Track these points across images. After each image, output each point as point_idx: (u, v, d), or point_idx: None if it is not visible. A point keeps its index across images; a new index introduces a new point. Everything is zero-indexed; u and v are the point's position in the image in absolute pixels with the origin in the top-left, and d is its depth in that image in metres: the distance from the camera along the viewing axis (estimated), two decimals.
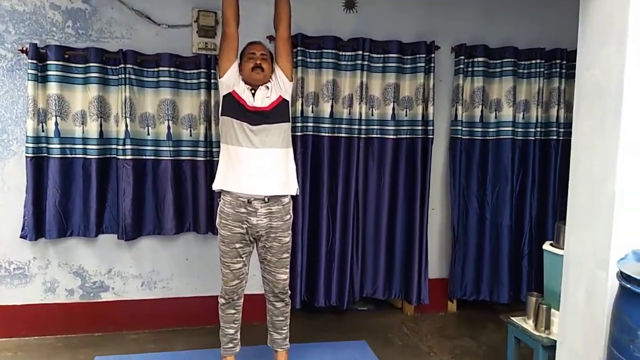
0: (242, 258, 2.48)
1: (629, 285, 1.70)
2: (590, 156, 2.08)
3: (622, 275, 1.76)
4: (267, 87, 2.45)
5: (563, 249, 2.28)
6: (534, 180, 3.57)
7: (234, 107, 2.41)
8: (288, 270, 2.56)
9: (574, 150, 2.21)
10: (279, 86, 2.47)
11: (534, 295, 2.55)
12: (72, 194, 3.04)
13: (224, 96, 2.45)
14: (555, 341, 2.29)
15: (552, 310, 2.42)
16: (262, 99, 2.43)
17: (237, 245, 2.45)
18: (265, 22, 2.64)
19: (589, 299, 2.06)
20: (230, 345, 2.58)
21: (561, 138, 3.56)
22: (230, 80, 2.43)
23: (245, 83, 2.45)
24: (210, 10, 3.07)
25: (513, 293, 3.60)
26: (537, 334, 2.41)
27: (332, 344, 3.08)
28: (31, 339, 3.08)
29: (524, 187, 3.56)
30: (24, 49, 2.90)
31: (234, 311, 2.55)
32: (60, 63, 2.93)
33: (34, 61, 2.88)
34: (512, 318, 2.59)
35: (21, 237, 2.98)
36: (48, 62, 2.92)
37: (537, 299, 2.51)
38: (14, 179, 3.00)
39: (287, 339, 2.64)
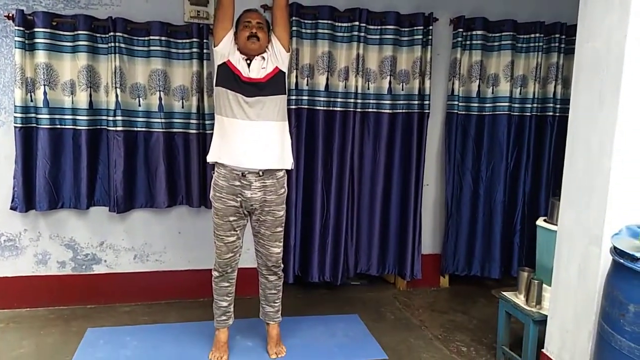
0: (236, 231, 2.46)
1: (621, 260, 1.71)
2: (587, 131, 2.06)
3: (616, 251, 1.76)
4: (263, 58, 2.39)
5: (556, 224, 2.29)
6: (528, 157, 3.55)
7: (229, 77, 2.35)
8: (281, 244, 2.54)
9: (571, 125, 2.19)
10: (276, 57, 2.40)
11: (525, 270, 2.57)
12: (62, 166, 2.99)
13: (218, 66, 2.39)
14: (546, 316, 2.32)
15: (544, 285, 2.43)
16: (258, 69, 2.37)
17: (231, 218, 2.43)
18: None
19: (582, 274, 2.07)
20: (224, 317, 2.59)
21: (557, 114, 3.53)
22: (225, 50, 2.36)
23: (241, 53, 2.38)
24: None
25: (504, 268, 3.62)
26: (528, 308, 2.43)
27: (324, 318, 3.10)
28: (23, 310, 3.07)
29: (518, 163, 3.55)
30: (10, 15, 2.81)
31: (227, 284, 2.54)
32: (48, 30, 2.85)
33: (21, 28, 2.79)
34: (504, 293, 2.61)
35: (11, 208, 2.95)
36: (35, 30, 2.84)
37: (528, 274, 2.52)
38: (3, 149, 2.95)
39: (279, 312, 2.65)
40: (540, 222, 2.57)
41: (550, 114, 3.54)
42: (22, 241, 3.07)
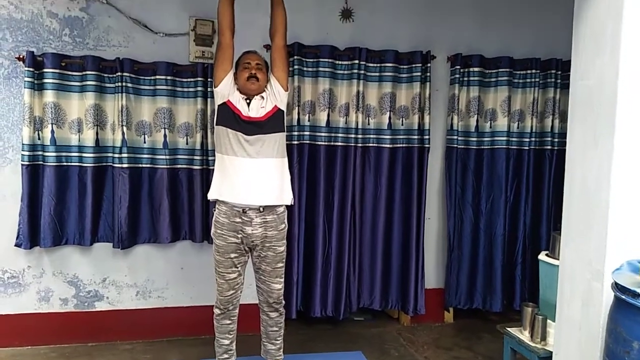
0: (237, 268, 2.47)
1: (623, 297, 1.70)
2: (584, 166, 2.09)
3: (617, 287, 1.76)
4: (262, 97, 2.46)
5: (558, 259, 2.28)
6: (528, 190, 3.58)
7: (229, 116, 2.41)
8: (282, 280, 2.55)
9: (568, 160, 2.22)
10: (275, 96, 2.47)
11: (529, 305, 2.55)
12: (67, 202, 3.03)
13: (219, 105, 2.46)
14: (552, 352, 2.29)
15: (548, 321, 2.41)
16: (257, 109, 2.43)
17: (232, 255, 2.44)
18: (262, 32, 2.65)
19: (585, 310, 2.06)
20: (226, 356, 2.56)
21: (555, 148, 3.57)
22: (225, 90, 2.43)
23: (241, 93, 2.45)
24: (208, 19, 3.08)
25: (506, 302, 3.60)
26: (533, 345, 2.41)
27: (328, 355, 3.06)
28: (25, 348, 3.05)
29: (518, 197, 3.57)
30: (21, 56, 2.90)
31: (229, 322, 2.53)
32: (57, 71, 2.93)
33: (31, 69, 2.88)
34: (508, 329, 2.59)
35: (16, 245, 2.97)
36: (45, 70, 2.92)
37: (532, 309, 2.51)
38: (10, 186, 2.99)
39: (281, 350, 2.63)
40: (542, 256, 2.57)
41: (549, 147, 3.58)
42: (26, 278, 3.08)
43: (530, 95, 3.52)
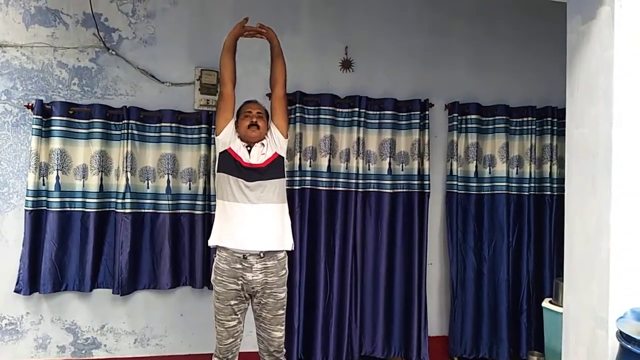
0: (237, 315, 2.44)
1: (629, 346, 1.68)
2: (583, 214, 2.10)
3: (622, 335, 1.74)
4: (263, 144, 2.51)
5: (562, 306, 2.26)
6: (529, 235, 3.57)
7: (230, 163, 2.46)
8: (283, 328, 2.51)
9: (567, 207, 2.23)
10: (275, 143, 2.53)
11: (535, 354, 2.51)
12: (69, 248, 3.03)
13: (220, 153, 2.51)
14: None
15: None
16: (258, 155, 2.48)
17: (232, 302, 2.42)
18: (264, 80, 2.73)
19: (591, 359, 2.02)
20: None
21: (555, 193, 3.59)
22: (227, 138, 2.49)
23: (241, 140, 2.51)
24: (213, 70, 3.18)
25: (513, 350, 3.51)
26: None
27: None
28: None
29: (520, 242, 3.57)
30: (30, 104, 2.98)
31: None
32: (65, 119, 3.01)
33: (39, 116, 2.95)
34: None
35: (15, 291, 2.95)
36: (52, 118, 2.99)
37: (538, 358, 2.46)
38: (12, 232, 3.00)
39: None
40: (545, 303, 2.55)
41: (548, 193, 3.61)
42: (24, 325, 3.04)
43: (527, 142, 3.58)
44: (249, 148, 2.49)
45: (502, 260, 3.51)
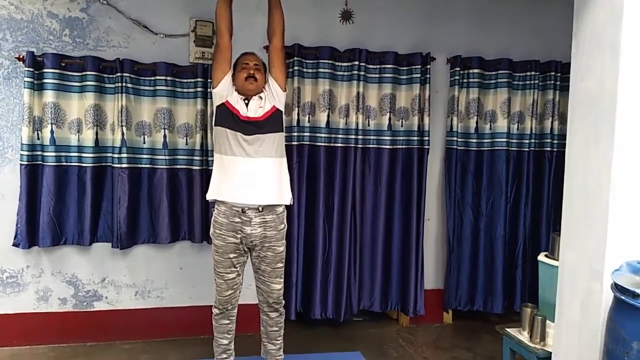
0: (236, 268, 2.47)
1: (623, 297, 1.70)
2: (584, 167, 2.09)
3: (617, 287, 1.76)
4: (261, 97, 2.46)
5: (558, 260, 2.29)
6: (527, 191, 3.58)
7: (228, 117, 2.42)
8: (282, 280, 2.54)
9: (568, 161, 2.22)
10: (273, 96, 2.48)
11: (529, 306, 2.55)
12: (66, 202, 3.02)
13: (217, 106, 2.46)
14: (551, 353, 2.29)
15: (547, 321, 2.41)
16: (256, 109, 2.44)
17: (231, 255, 2.44)
18: (261, 33, 2.65)
19: (584, 311, 2.06)
20: (224, 355, 2.56)
21: (555, 150, 3.58)
22: (224, 91, 2.44)
23: (239, 93, 2.46)
24: (208, 20, 3.09)
25: (507, 303, 3.60)
26: (532, 345, 2.41)
27: (327, 355, 3.06)
28: (24, 348, 3.04)
29: (518, 198, 3.58)
30: (21, 56, 2.90)
31: (227, 321, 2.53)
32: (57, 71, 2.93)
33: (31, 69, 2.88)
34: (508, 329, 2.59)
35: (14, 245, 2.96)
36: (44, 70, 2.92)
37: (532, 310, 2.51)
38: (8, 186, 2.98)
39: (281, 350, 2.63)
40: (541, 257, 2.57)
41: (548, 149, 3.59)
42: (24, 278, 3.07)
43: (529, 97, 3.53)
44: (246, 101, 2.44)
45: (499, 216, 3.53)
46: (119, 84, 2.99)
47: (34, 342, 3.07)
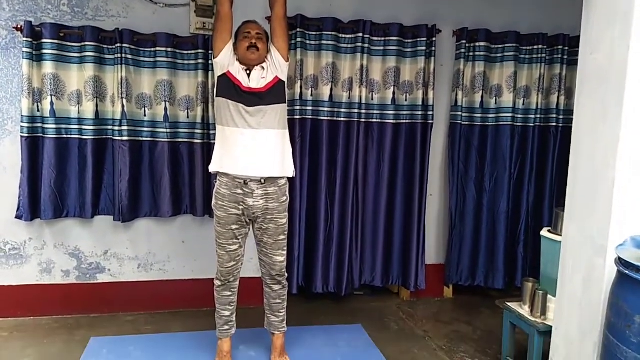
0: (238, 240, 2.47)
1: (627, 271, 1.70)
2: (591, 142, 2.06)
3: (621, 261, 1.75)
4: (263, 68, 2.42)
5: (561, 235, 2.28)
6: (532, 167, 3.56)
7: (229, 88, 2.37)
8: (285, 253, 2.55)
9: (574, 136, 2.19)
10: (275, 67, 2.43)
11: (530, 281, 2.56)
12: (67, 175, 3.01)
13: (218, 77, 2.42)
14: (551, 327, 2.30)
15: (549, 296, 2.42)
16: (258, 79, 2.39)
17: (233, 227, 2.43)
18: (263, 3, 2.59)
19: (586, 285, 2.06)
20: (226, 327, 2.58)
21: (560, 125, 3.54)
22: (225, 61, 2.39)
23: (241, 63, 2.41)
24: None
25: (508, 279, 3.61)
26: (533, 319, 2.42)
27: (328, 328, 3.09)
28: (27, 319, 3.08)
29: (522, 174, 3.55)
30: (19, 26, 2.85)
31: (229, 293, 2.54)
32: (56, 41, 2.88)
33: (29, 39, 2.83)
34: (508, 304, 2.60)
35: (16, 217, 2.96)
36: (43, 41, 2.87)
37: (533, 284, 2.52)
38: (9, 158, 2.97)
39: (284, 322, 2.65)
40: (544, 232, 2.57)
41: (554, 124, 3.55)
42: (27, 250, 3.08)
43: (536, 71, 3.47)
44: (248, 72, 2.40)
45: (502, 192, 3.51)
46: (119, 55, 2.94)
47: (37, 313, 3.10)
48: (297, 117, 3.21)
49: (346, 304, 3.48)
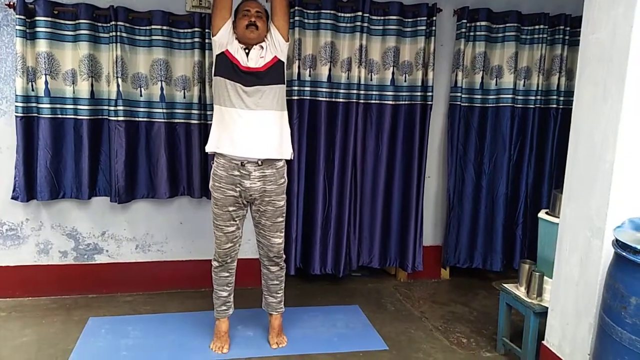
0: (236, 221, 2.46)
1: (624, 253, 1.70)
2: (591, 123, 2.05)
3: (618, 243, 1.76)
4: (262, 47, 2.38)
5: (558, 217, 2.28)
6: (531, 149, 3.54)
7: (227, 67, 2.34)
8: (283, 234, 2.54)
9: (574, 117, 2.18)
10: (274, 46, 2.39)
11: (527, 262, 2.56)
12: (63, 156, 2.99)
13: (217, 55, 2.38)
14: (547, 308, 2.32)
15: (545, 277, 2.43)
16: (257, 59, 2.36)
17: (231, 209, 2.42)
18: None
19: (583, 267, 2.07)
20: (224, 307, 2.60)
21: (561, 107, 3.51)
22: (224, 39, 2.35)
23: (239, 42, 2.37)
24: None
25: (506, 261, 3.62)
26: (529, 300, 2.43)
27: (325, 308, 3.11)
28: (25, 299, 3.09)
29: (521, 156, 3.53)
30: (12, 3, 2.79)
31: (227, 274, 2.55)
32: (49, 19, 2.83)
33: (22, 17, 2.77)
34: (504, 285, 2.61)
35: (12, 198, 2.94)
36: (37, 18, 2.82)
37: (530, 266, 2.52)
38: (5, 139, 2.94)
39: (282, 303, 2.66)
40: (542, 214, 2.57)
41: (554, 106, 3.52)
42: (24, 231, 3.08)
43: (537, 52, 3.43)
44: (247, 51, 2.36)
45: (502, 174, 3.50)
46: (114, 34, 2.89)
47: (35, 293, 3.11)
48: (295, 97, 3.18)
49: (344, 285, 3.50)
